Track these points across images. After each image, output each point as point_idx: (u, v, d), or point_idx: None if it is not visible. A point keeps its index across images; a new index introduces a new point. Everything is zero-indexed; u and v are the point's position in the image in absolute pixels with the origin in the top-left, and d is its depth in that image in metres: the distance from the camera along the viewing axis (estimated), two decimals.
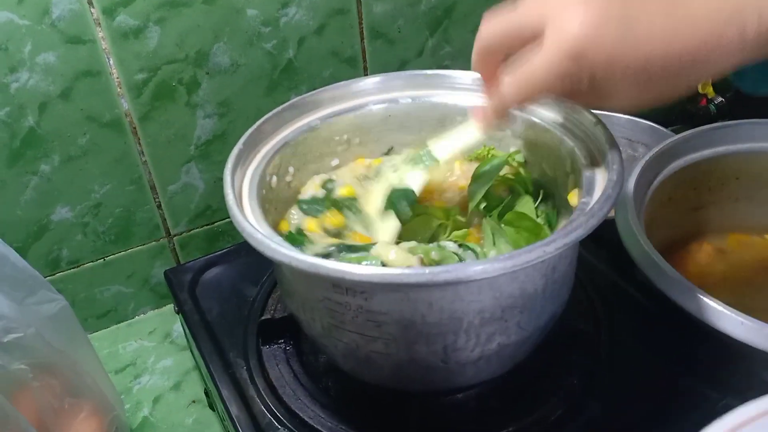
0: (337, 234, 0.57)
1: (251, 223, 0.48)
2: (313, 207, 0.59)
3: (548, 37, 0.42)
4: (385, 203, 0.56)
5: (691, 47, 0.40)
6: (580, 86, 0.42)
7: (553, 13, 0.42)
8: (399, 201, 0.56)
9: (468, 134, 0.55)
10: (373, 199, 0.58)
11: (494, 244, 0.53)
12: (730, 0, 0.40)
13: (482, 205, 0.57)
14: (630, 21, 0.40)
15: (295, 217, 0.58)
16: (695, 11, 0.40)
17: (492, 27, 0.46)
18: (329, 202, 0.59)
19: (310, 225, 0.57)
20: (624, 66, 0.41)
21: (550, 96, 0.45)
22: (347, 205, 0.59)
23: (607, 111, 0.45)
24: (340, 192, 0.60)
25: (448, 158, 0.57)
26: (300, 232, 0.56)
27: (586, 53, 0.40)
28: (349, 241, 0.56)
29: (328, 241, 0.54)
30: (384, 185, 0.58)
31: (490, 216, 0.56)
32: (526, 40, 0.44)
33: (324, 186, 0.61)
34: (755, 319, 0.52)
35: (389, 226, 0.56)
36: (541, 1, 0.43)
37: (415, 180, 0.57)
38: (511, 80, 0.45)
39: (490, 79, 0.49)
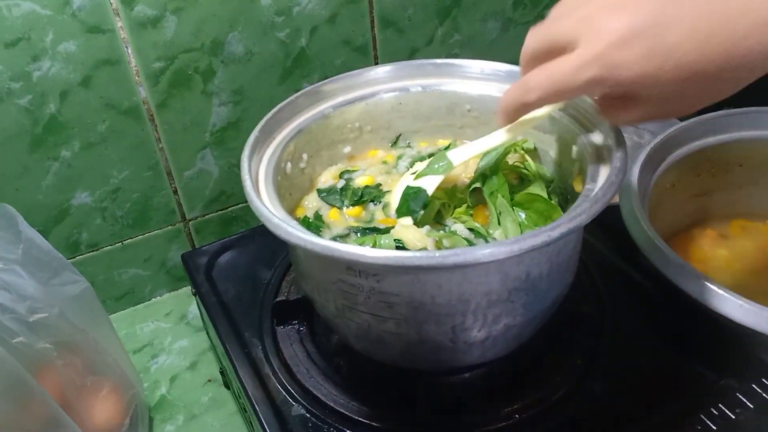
0: (361, 222, 0.59)
1: (268, 207, 0.49)
2: (332, 197, 0.61)
3: (584, 41, 0.41)
4: (399, 202, 0.58)
5: (726, 49, 0.38)
6: (615, 93, 0.42)
7: (588, 23, 0.41)
8: (411, 201, 0.57)
9: (488, 140, 0.55)
10: (392, 196, 0.60)
11: (499, 223, 0.55)
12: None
13: (480, 185, 0.58)
14: (662, 29, 0.39)
15: (310, 205, 0.60)
16: (730, 10, 0.38)
17: (534, 36, 0.46)
18: (350, 192, 0.61)
19: (332, 213, 0.59)
20: (654, 79, 0.40)
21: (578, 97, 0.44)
22: (369, 194, 0.61)
23: (672, 116, 0.45)
24: (360, 182, 0.62)
25: (464, 160, 0.57)
26: (319, 217, 0.58)
27: (616, 67, 0.40)
28: (372, 225, 0.58)
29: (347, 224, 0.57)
30: (401, 185, 0.59)
31: (491, 195, 0.57)
32: (565, 48, 0.43)
33: (341, 176, 0.63)
34: (755, 302, 0.54)
35: (407, 219, 0.57)
36: (578, 14, 0.42)
37: (430, 183, 0.57)
38: (539, 72, 0.44)
39: None
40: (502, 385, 0.56)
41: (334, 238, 0.57)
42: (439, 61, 0.64)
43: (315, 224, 0.58)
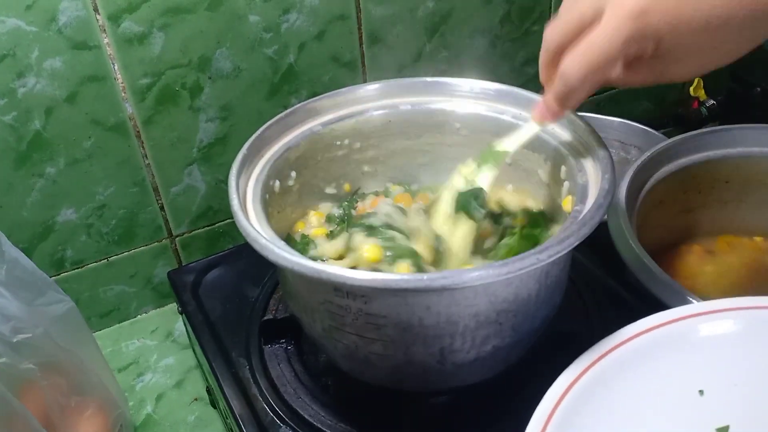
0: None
1: (255, 227, 0.49)
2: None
3: (609, 8, 0.42)
4: (455, 206, 0.56)
5: None
6: (645, 51, 0.42)
7: None
8: (469, 202, 0.55)
9: (528, 129, 0.55)
10: (440, 208, 0.58)
11: None
12: None
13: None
14: None
15: (312, 223, 0.61)
16: None
17: (555, 28, 0.46)
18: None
19: (317, 230, 0.59)
20: (687, 22, 0.40)
21: (615, 69, 0.43)
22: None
23: (676, 79, 0.45)
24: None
25: (514, 150, 0.56)
26: (305, 237, 0.58)
27: (649, 12, 0.41)
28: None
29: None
30: (449, 192, 0.58)
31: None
32: (590, 25, 0.43)
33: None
34: None
35: (461, 231, 0.56)
36: None
37: (485, 179, 0.56)
38: (573, 56, 0.44)
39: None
40: (490, 406, 0.56)
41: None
42: (428, 79, 0.64)
43: (305, 243, 0.58)
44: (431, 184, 0.67)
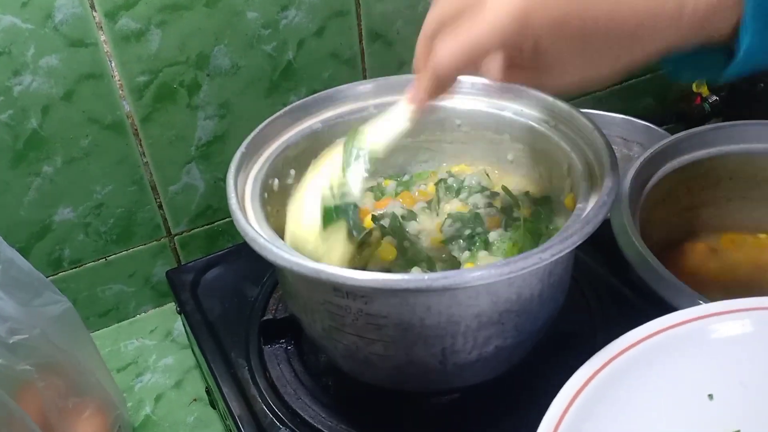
0: None
1: (254, 227, 0.48)
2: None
3: (492, 1, 0.39)
4: (327, 222, 0.49)
5: (636, 13, 0.39)
6: (522, 55, 0.40)
7: None
8: (347, 222, 0.49)
9: (399, 119, 0.50)
10: (306, 218, 0.50)
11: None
12: None
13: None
14: None
15: None
16: None
17: (434, 12, 0.44)
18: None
19: None
20: (569, 31, 0.39)
21: (491, 65, 0.41)
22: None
23: (548, 88, 0.44)
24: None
25: (384, 148, 0.50)
26: None
27: (533, 15, 0.38)
28: None
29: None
30: (308, 195, 0.50)
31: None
32: (471, 11, 0.41)
33: None
34: None
35: (338, 250, 0.49)
36: None
37: (356, 182, 0.49)
38: (448, 45, 0.41)
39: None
40: (492, 407, 0.55)
41: None
42: None
43: None
44: (422, 171, 0.67)
